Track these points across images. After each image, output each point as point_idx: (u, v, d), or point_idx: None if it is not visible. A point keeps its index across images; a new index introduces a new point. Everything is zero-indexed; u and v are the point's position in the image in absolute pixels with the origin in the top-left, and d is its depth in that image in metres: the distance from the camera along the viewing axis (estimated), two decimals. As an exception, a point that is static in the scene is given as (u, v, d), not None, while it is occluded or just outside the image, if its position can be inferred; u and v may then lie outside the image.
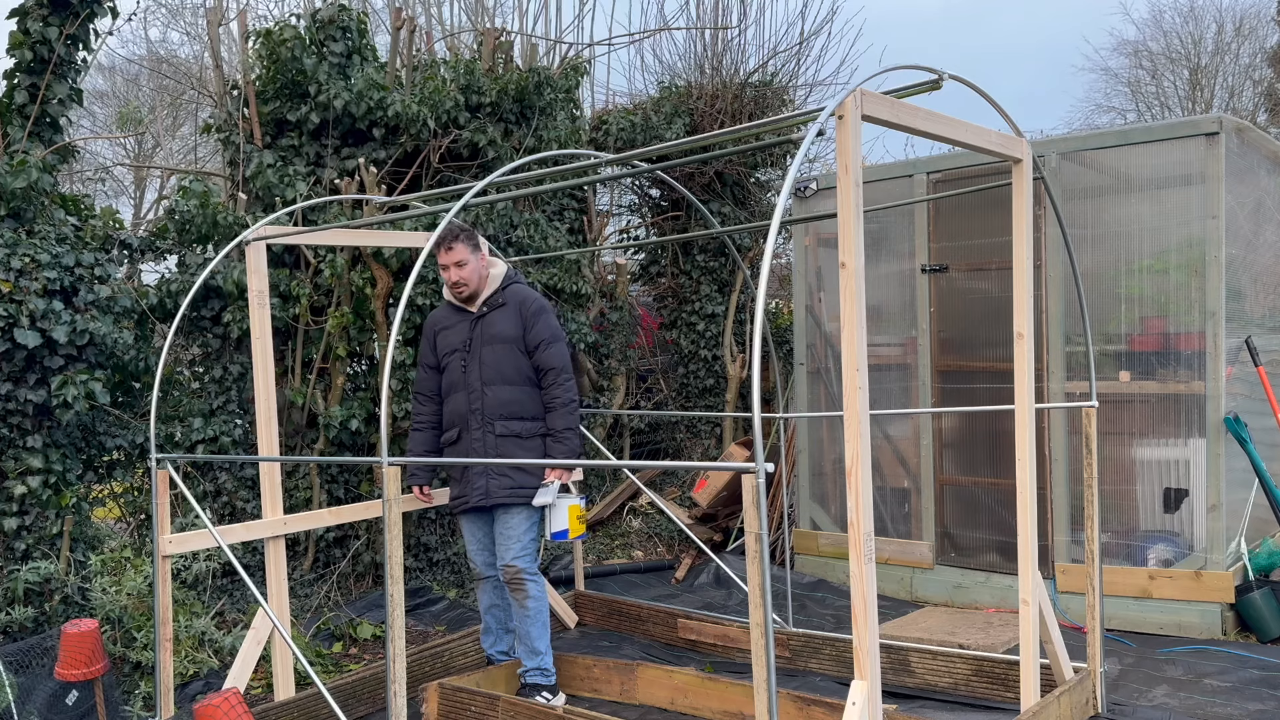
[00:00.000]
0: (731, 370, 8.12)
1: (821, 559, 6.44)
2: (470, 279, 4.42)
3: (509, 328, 4.43)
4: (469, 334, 4.47)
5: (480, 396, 4.40)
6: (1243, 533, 5.24)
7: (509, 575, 4.39)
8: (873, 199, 5.45)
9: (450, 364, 4.49)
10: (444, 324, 4.58)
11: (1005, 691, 4.20)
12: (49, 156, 4.99)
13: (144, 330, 5.53)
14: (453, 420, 4.50)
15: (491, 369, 4.41)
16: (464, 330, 4.49)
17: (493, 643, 4.74)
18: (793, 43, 8.80)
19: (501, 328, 4.43)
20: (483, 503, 4.38)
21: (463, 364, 4.46)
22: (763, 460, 2.50)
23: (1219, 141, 4.94)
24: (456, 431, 4.48)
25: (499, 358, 4.41)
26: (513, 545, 4.40)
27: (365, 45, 6.24)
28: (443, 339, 4.55)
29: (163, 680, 4.03)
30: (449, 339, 4.52)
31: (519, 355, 4.42)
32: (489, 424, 4.40)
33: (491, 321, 4.45)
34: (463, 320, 4.52)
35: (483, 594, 4.67)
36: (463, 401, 4.44)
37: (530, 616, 4.41)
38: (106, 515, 5.79)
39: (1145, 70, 18.91)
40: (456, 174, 6.19)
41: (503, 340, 4.42)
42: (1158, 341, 5.19)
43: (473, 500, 4.40)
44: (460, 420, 4.46)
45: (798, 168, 2.78)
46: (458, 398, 4.46)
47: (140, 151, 14.30)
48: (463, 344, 4.48)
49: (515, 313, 4.46)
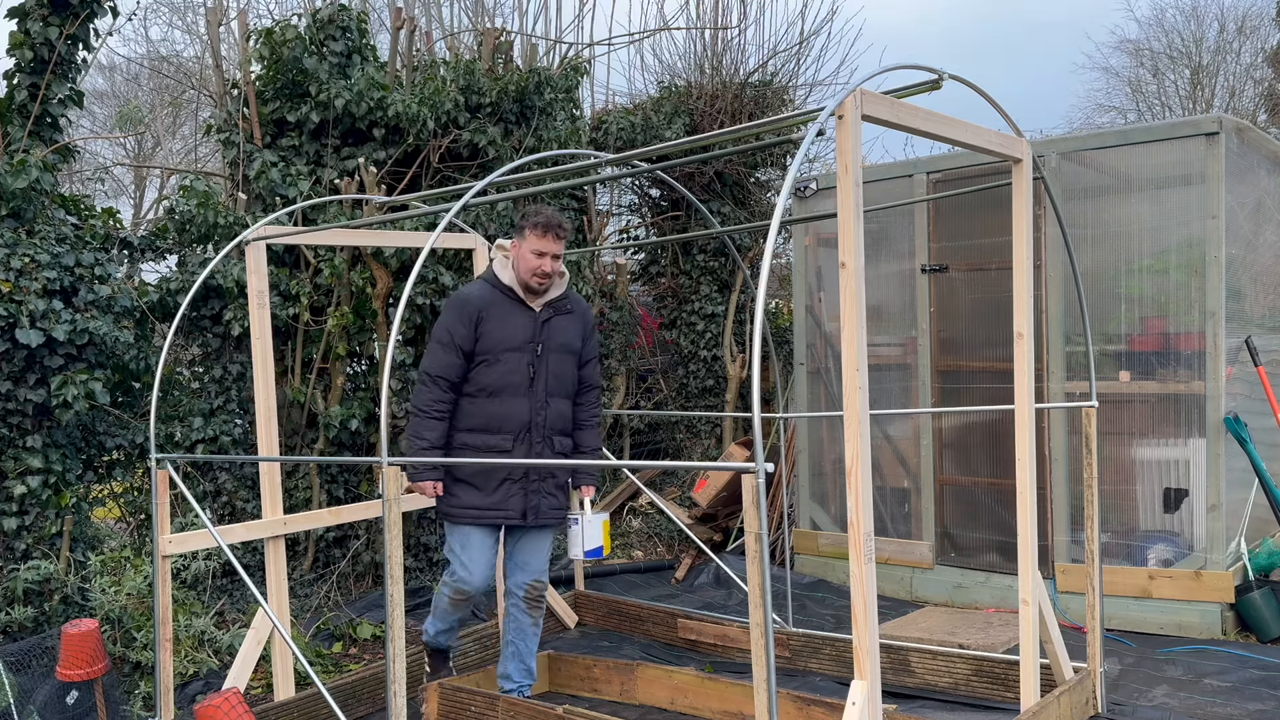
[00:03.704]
0: (731, 370, 8.12)
1: (821, 559, 6.44)
2: (557, 275, 4.09)
3: (574, 338, 4.16)
4: (534, 334, 4.06)
5: (544, 408, 4.06)
6: (1243, 533, 5.24)
7: (536, 592, 4.21)
8: (873, 199, 5.45)
9: (508, 362, 4.01)
10: (495, 310, 4.04)
11: (1005, 691, 4.20)
12: (49, 156, 4.99)
13: (144, 330, 5.53)
14: (504, 426, 4.03)
15: (555, 380, 4.10)
16: (527, 328, 4.05)
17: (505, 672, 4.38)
18: (793, 43, 8.81)
19: (569, 337, 4.14)
20: (533, 522, 4.10)
21: (530, 369, 4.04)
22: (763, 460, 2.50)
23: (1219, 141, 4.94)
24: (509, 440, 4.03)
25: (564, 369, 4.13)
26: (543, 562, 4.21)
27: (365, 45, 6.24)
28: (496, 328, 4.02)
29: (163, 680, 4.03)
30: (507, 331, 4.02)
31: (575, 369, 4.18)
32: (549, 439, 4.09)
33: (560, 328, 4.13)
34: (524, 316, 4.07)
35: (461, 610, 4.23)
36: (524, 409, 4.03)
37: (538, 635, 4.31)
38: (106, 515, 5.80)
39: (1146, 69, 18.91)
40: (456, 174, 6.20)
41: (569, 351, 4.15)
42: (1158, 341, 5.19)
43: (516, 517, 4.07)
44: (518, 429, 4.03)
45: (798, 168, 2.78)
46: (517, 404, 4.03)
47: (140, 151, 14.30)
48: (527, 344, 4.04)
49: (580, 323, 4.20)
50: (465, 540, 4.07)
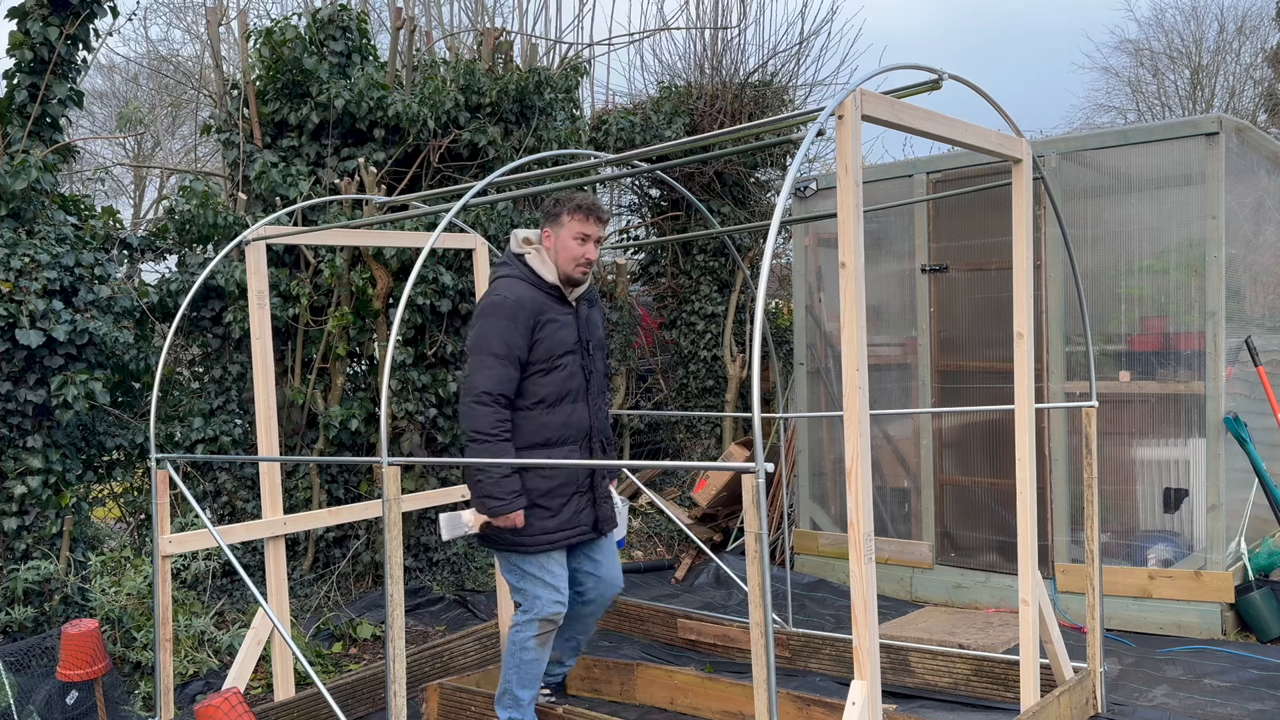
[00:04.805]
0: (731, 370, 8.12)
1: (821, 559, 6.44)
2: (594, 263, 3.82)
3: (601, 331, 3.92)
4: (579, 333, 3.78)
5: (599, 412, 3.82)
6: (1243, 533, 5.24)
7: (615, 602, 4.08)
8: (873, 199, 5.45)
9: (566, 367, 3.69)
10: (548, 311, 3.68)
11: (1005, 691, 4.20)
12: (49, 156, 4.99)
13: (144, 330, 5.53)
14: (569, 436, 3.73)
15: (599, 379, 3.86)
16: (572, 327, 3.75)
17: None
18: (792, 43, 8.81)
19: (601, 331, 3.92)
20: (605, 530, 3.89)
21: (584, 371, 3.76)
22: (763, 460, 2.49)
23: (1219, 141, 4.94)
24: (575, 451, 3.75)
25: (601, 364, 3.89)
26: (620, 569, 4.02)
27: (365, 45, 6.24)
28: (552, 333, 3.67)
29: (163, 680, 4.03)
30: (560, 335, 3.69)
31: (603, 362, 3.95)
32: (605, 446, 3.88)
33: (594, 322, 3.87)
34: (567, 313, 3.76)
35: (549, 644, 3.80)
36: (584, 415, 3.75)
37: None
38: (106, 515, 5.80)
39: (1146, 69, 18.91)
40: (456, 174, 6.20)
41: (602, 346, 3.91)
42: (1158, 341, 5.19)
43: (588, 531, 3.82)
44: (579, 438, 3.75)
45: (797, 168, 2.78)
46: (578, 410, 3.74)
47: (140, 151, 14.29)
48: (576, 345, 3.75)
49: (600, 313, 3.96)
50: (545, 566, 3.72)
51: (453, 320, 6.13)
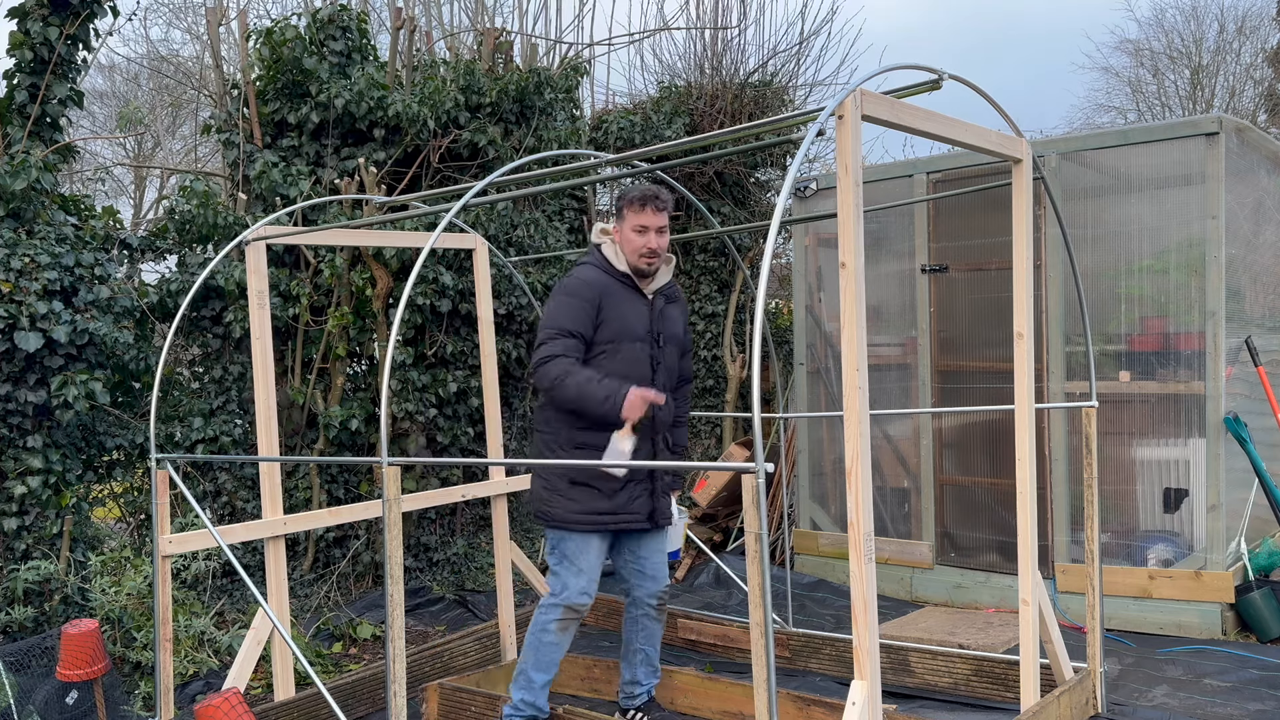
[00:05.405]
0: (731, 370, 8.12)
1: (821, 559, 6.44)
2: (664, 253, 3.80)
3: (680, 329, 3.93)
4: (651, 324, 3.80)
5: (665, 405, 3.77)
6: (1243, 533, 5.24)
7: (665, 599, 4.00)
8: (873, 199, 5.45)
9: (630, 353, 3.74)
10: (615, 295, 3.75)
11: (1005, 691, 4.20)
12: (49, 156, 4.99)
13: (144, 330, 5.53)
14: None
15: (668, 373, 3.85)
16: (645, 316, 3.79)
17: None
18: (792, 43, 8.81)
19: (679, 328, 3.92)
20: (660, 523, 3.86)
21: (652, 361, 3.79)
22: (763, 460, 2.50)
23: (1219, 141, 4.94)
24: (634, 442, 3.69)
25: (673, 361, 3.90)
26: (666, 566, 3.97)
27: (366, 44, 6.25)
28: (617, 314, 3.73)
29: (163, 680, 4.03)
30: (626, 319, 3.74)
31: (677, 361, 3.96)
32: (670, 446, 3.89)
33: (671, 318, 3.89)
34: (640, 302, 3.80)
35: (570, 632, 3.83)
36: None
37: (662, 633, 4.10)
38: (106, 515, 5.80)
39: (1146, 69, 18.90)
40: (456, 174, 6.20)
41: (677, 343, 3.92)
42: (1158, 341, 5.19)
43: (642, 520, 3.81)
44: (642, 427, 3.71)
45: (798, 168, 2.78)
46: None
47: (140, 151, 14.29)
48: (648, 334, 3.79)
49: (682, 311, 3.97)
50: (584, 548, 3.75)
51: (453, 320, 6.13)
